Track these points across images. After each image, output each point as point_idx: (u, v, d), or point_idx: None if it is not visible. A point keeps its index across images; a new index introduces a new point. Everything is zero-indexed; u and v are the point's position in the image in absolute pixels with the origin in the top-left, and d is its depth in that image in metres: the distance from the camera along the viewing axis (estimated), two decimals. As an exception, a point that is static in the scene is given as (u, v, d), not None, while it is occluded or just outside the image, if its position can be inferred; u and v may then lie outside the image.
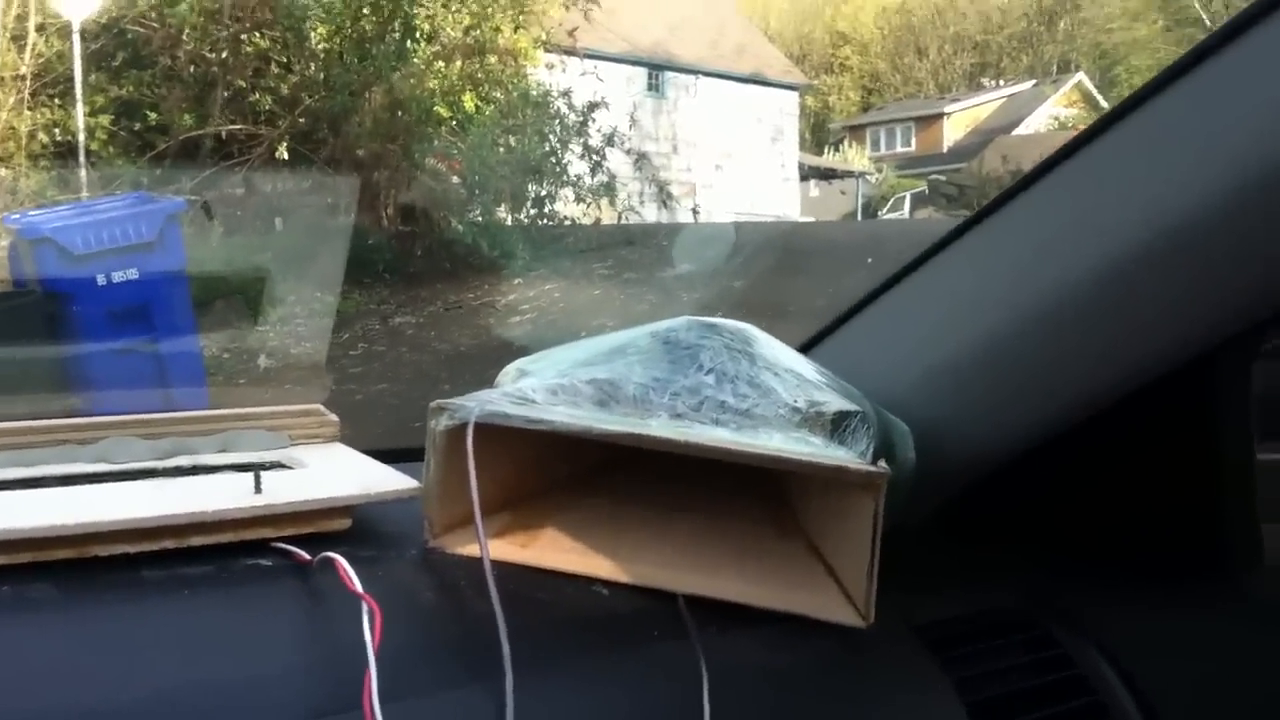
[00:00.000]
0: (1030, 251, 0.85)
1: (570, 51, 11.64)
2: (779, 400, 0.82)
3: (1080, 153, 0.81)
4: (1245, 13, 0.70)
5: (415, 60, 10.13)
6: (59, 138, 9.86)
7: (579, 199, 11.28)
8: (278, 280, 8.35)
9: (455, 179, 10.42)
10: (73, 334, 5.41)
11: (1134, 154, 0.78)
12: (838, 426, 0.81)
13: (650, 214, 13.42)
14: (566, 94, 11.25)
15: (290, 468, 0.88)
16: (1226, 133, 0.71)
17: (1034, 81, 31.49)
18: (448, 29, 10.34)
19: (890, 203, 23.93)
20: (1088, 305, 0.78)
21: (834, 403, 0.82)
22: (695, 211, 14.41)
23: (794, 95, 23.07)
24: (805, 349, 1.00)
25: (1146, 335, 0.78)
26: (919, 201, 23.27)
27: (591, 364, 0.85)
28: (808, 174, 24.06)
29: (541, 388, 0.81)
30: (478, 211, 10.46)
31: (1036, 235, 0.85)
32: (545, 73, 11.43)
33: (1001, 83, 33.71)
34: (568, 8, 11.38)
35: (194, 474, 0.86)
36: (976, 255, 0.91)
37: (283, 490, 0.79)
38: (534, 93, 11.21)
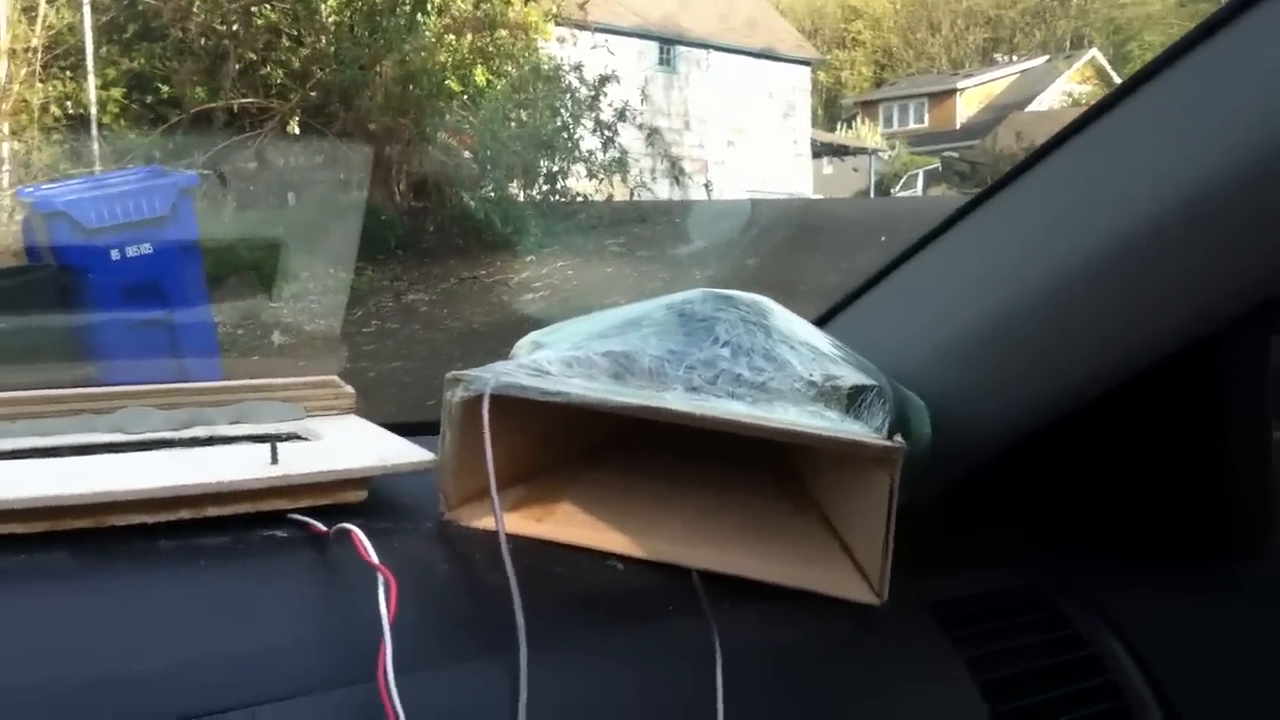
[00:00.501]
0: (1042, 227, 0.85)
1: (581, 25, 11.59)
2: (794, 374, 0.81)
3: (1091, 127, 0.80)
4: None
5: (426, 33, 10.08)
6: (71, 110, 9.85)
7: (591, 175, 11.24)
8: (291, 255, 8.36)
9: (467, 154, 10.39)
10: (86, 308, 5.43)
11: (1145, 128, 0.77)
12: (854, 401, 0.81)
13: (662, 190, 13.38)
14: (578, 68, 11.20)
15: (306, 439, 0.88)
16: (1238, 105, 0.70)
17: (1047, 57, 31.28)
18: (458, 2, 10.30)
19: (903, 180, 23.84)
20: (1100, 280, 0.78)
21: (850, 377, 0.81)
22: (708, 188, 14.35)
23: (806, 70, 22.96)
24: (820, 323, 1.00)
25: (1159, 310, 0.78)
26: (932, 179, 23.19)
27: (607, 336, 0.85)
28: (820, 150, 23.97)
29: (557, 360, 0.81)
30: (490, 187, 10.44)
31: (1048, 210, 0.84)
32: (556, 46, 11.38)
33: (1015, 58, 33.47)
34: (578, -20, 11.33)
35: (210, 444, 0.86)
36: (988, 231, 0.91)
37: (298, 461, 0.79)
38: (545, 67, 11.16)
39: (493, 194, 10.39)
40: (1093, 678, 0.86)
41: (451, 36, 10.25)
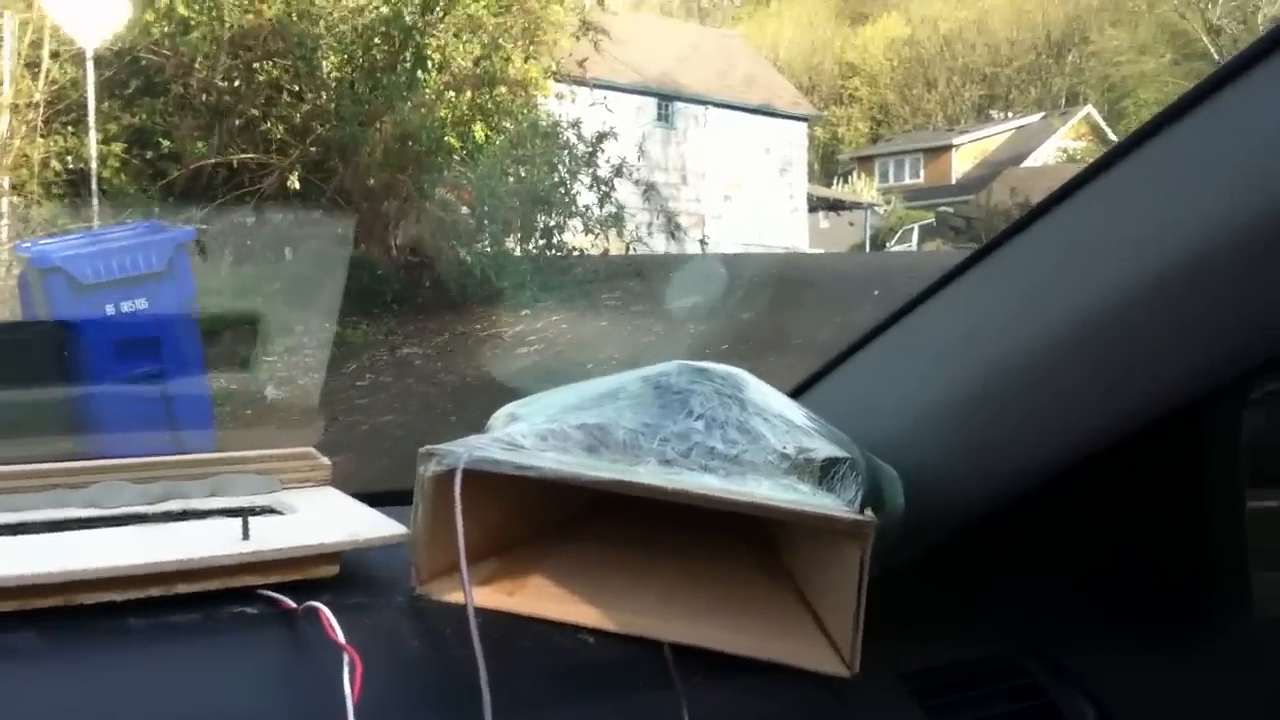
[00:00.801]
0: (1025, 294, 0.85)
1: (580, 82, 11.70)
2: (768, 446, 0.82)
3: (1079, 193, 0.80)
4: (1252, 48, 0.70)
5: (426, 90, 10.17)
6: (71, 165, 9.90)
7: (587, 229, 11.30)
8: (286, 310, 8.38)
9: (464, 209, 10.45)
10: (81, 364, 5.43)
11: (1134, 194, 0.77)
12: (826, 473, 0.81)
13: (659, 245, 13.45)
14: (576, 124, 11.30)
15: (280, 512, 0.89)
16: (1232, 168, 0.70)
17: (1042, 114, 31.60)
18: (458, 59, 10.39)
19: (898, 234, 23.98)
20: (1082, 349, 0.78)
21: (823, 449, 0.82)
22: (704, 242, 14.42)
23: (803, 126, 23.17)
24: (797, 393, 1.01)
25: (1142, 378, 0.78)
26: (927, 233, 23.31)
27: (582, 408, 0.86)
28: (816, 205, 24.13)
29: (531, 433, 0.82)
30: (486, 242, 10.49)
31: (1030, 278, 0.85)
32: (555, 103, 11.49)
33: (1010, 115, 33.83)
34: (578, 38, 11.43)
35: (183, 519, 0.86)
36: (968, 300, 0.91)
37: (271, 536, 0.79)
38: (543, 123, 11.25)
39: (489, 249, 10.43)
40: None
41: (451, 93, 10.34)
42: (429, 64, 10.28)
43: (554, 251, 11.15)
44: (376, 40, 10.16)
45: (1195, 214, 0.72)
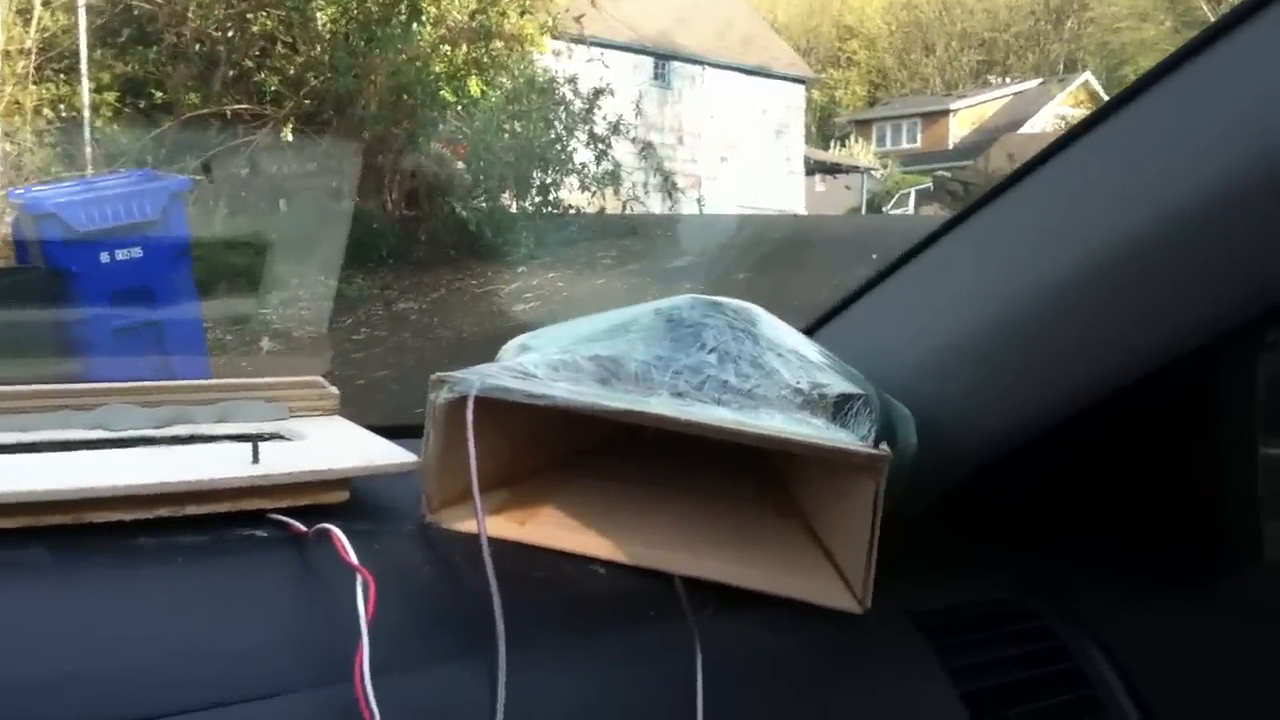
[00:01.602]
0: (1032, 237, 0.85)
1: (577, 39, 11.61)
2: (781, 381, 0.81)
3: (1083, 139, 0.81)
4: (1245, 4, 0.70)
5: (421, 43, 10.09)
6: (64, 113, 9.84)
7: (583, 187, 11.26)
8: (282, 262, 8.35)
9: (460, 164, 10.39)
10: (75, 312, 5.40)
11: (1136, 141, 0.77)
12: (840, 409, 0.80)
13: (654, 204, 13.40)
14: (572, 81, 11.23)
15: (288, 439, 0.88)
16: (1228, 122, 0.71)
17: (1040, 80, 31.43)
18: (453, 13, 10.30)
19: (895, 199, 23.90)
20: (1089, 292, 0.78)
21: (836, 385, 0.81)
22: (700, 203, 14.38)
23: (800, 89, 23.02)
24: (809, 331, 1.00)
25: (1148, 323, 0.78)
26: (924, 198, 23.25)
27: (594, 340, 0.85)
28: (813, 168, 24.02)
29: (543, 363, 0.81)
30: (482, 197, 10.44)
31: (1038, 221, 0.84)
32: (551, 59, 11.40)
33: (1008, 80, 33.63)
34: (575, -7, 11.36)
35: (191, 443, 0.85)
36: (979, 241, 0.91)
37: (280, 461, 0.79)
38: (540, 79, 11.18)
39: (485, 204, 10.39)
40: (1076, 690, 0.86)
41: (446, 47, 10.25)
42: (424, 17, 10.19)
43: (550, 208, 11.11)
44: (371, -9, 10.07)
45: (1185, 168, 0.72)
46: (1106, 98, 0.87)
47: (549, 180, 11.07)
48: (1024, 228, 0.86)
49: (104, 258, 5.48)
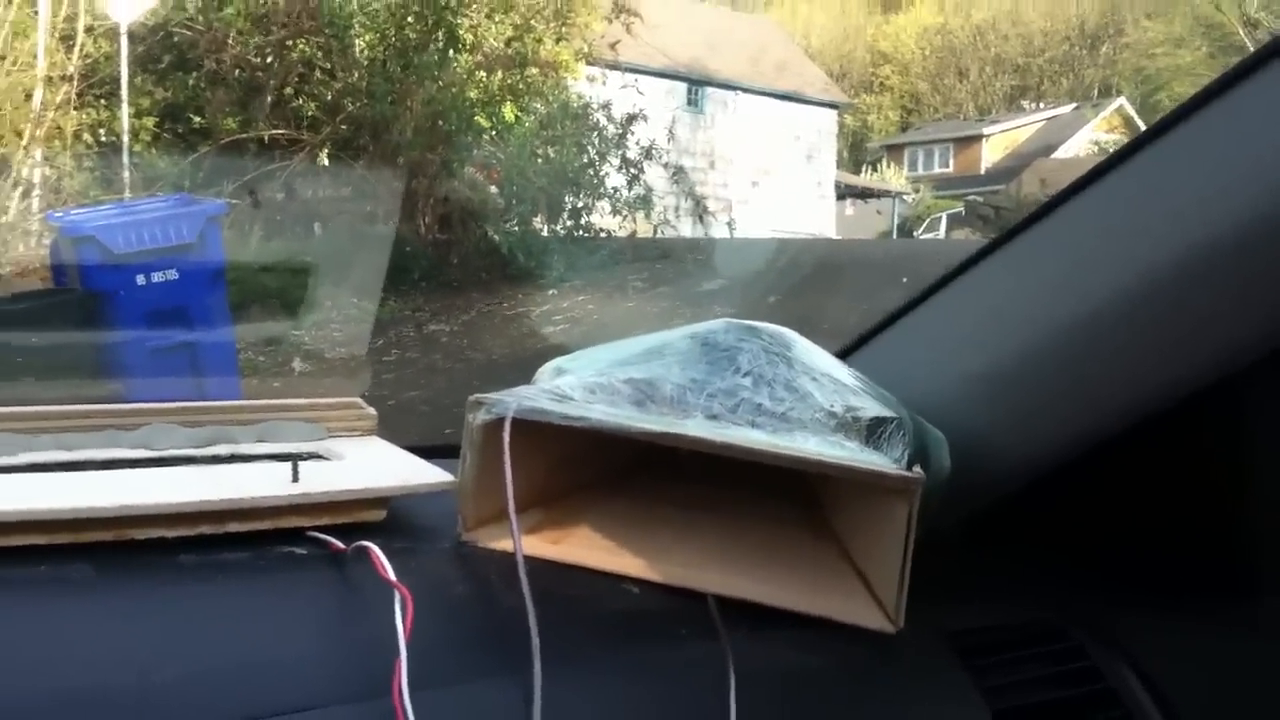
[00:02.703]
0: (1068, 264, 0.85)
1: (612, 65, 11.69)
2: (815, 404, 0.82)
3: (1119, 167, 0.81)
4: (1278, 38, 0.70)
5: (457, 70, 10.18)
6: (104, 138, 9.97)
7: (615, 211, 11.29)
8: (316, 285, 8.41)
9: (493, 188, 10.46)
10: (111, 333, 5.46)
11: (1169, 172, 0.78)
12: (873, 432, 0.81)
13: (686, 229, 13.43)
14: (606, 106, 11.28)
15: (327, 459, 0.89)
16: (1260, 154, 0.71)
17: (1074, 105, 31.31)
18: (490, 39, 10.40)
19: (926, 223, 23.85)
20: (1124, 319, 0.78)
21: (870, 408, 0.82)
22: (731, 227, 14.39)
23: (833, 113, 23.04)
24: (843, 355, 1.00)
25: (1179, 353, 0.78)
26: (955, 223, 23.17)
27: (629, 363, 0.86)
28: (844, 193, 24.00)
29: (579, 385, 0.82)
30: (514, 221, 10.49)
31: (1072, 249, 0.85)
32: (586, 85, 11.47)
33: (1041, 105, 33.54)
34: (610, 21, 11.41)
35: (232, 462, 0.87)
36: (1014, 266, 0.91)
37: (319, 480, 0.80)
38: (574, 105, 11.25)
39: (517, 228, 10.45)
40: (1108, 711, 0.85)
41: (482, 73, 10.35)
42: (460, 44, 10.29)
43: (581, 232, 11.15)
44: (409, 19, 10.18)
45: (1223, 194, 0.73)
46: (1141, 123, 0.88)
47: (581, 204, 11.11)
48: (1058, 255, 0.87)
49: (140, 280, 5.54)
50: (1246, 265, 0.72)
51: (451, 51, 10.18)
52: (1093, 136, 27.83)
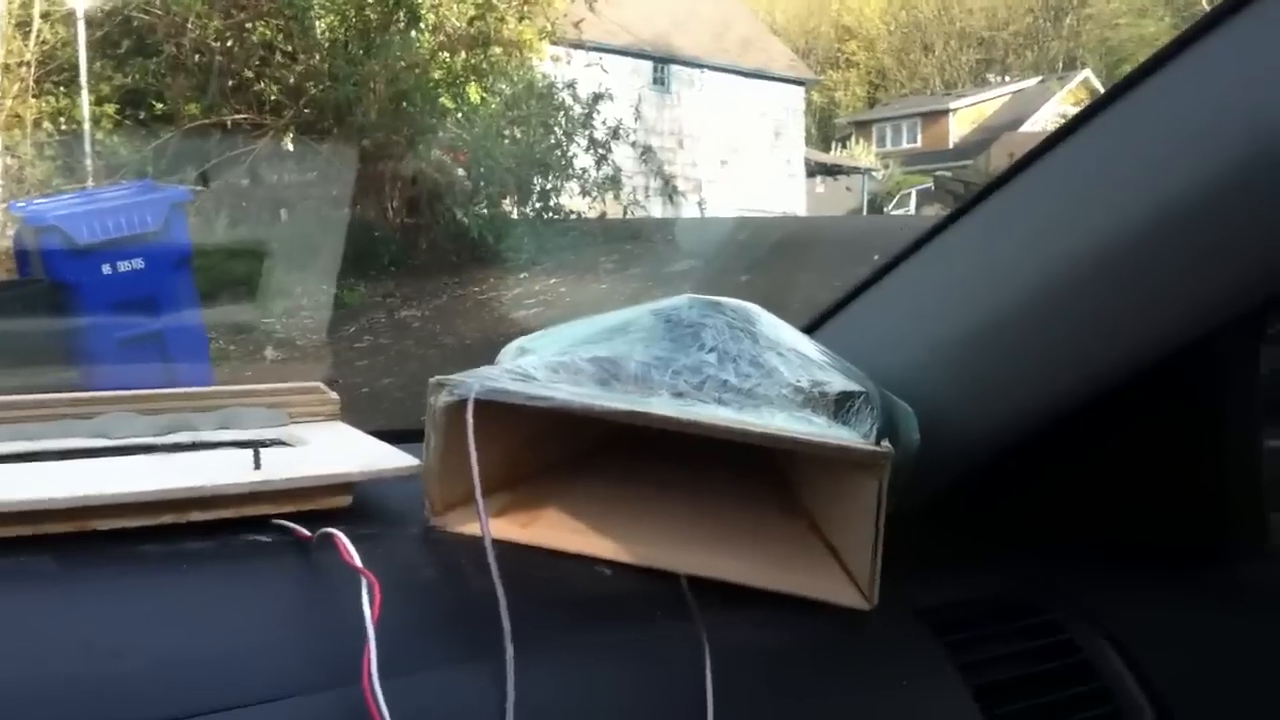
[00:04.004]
0: (1030, 231, 0.85)
1: (576, 44, 11.63)
2: (782, 380, 0.81)
3: (1079, 132, 0.81)
4: None
5: (420, 50, 10.11)
6: (64, 126, 9.86)
7: (584, 192, 11.27)
8: (285, 271, 8.35)
9: (460, 171, 10.40)
10: (79, 324, 5.41)
11: (1131, 134, 0.77)
12: (841, 407, 0.80)
13: (655, 209, 13.41)
14: (572, 86, 11.23)
15: (290, 445, 0.88)
16: (1221, 112, 0.71)
17: (1040, 78, 31.43)
18: (452, 19, 10.32)
19: (896, 199, 23.90)
20: (1088, 284, 0.78)
21: (837, 383, 0.81)
22: (701, 206, 14.39)
23: (800, 90, 23.05)
24: (809, 329, 1.00)
25: (1148, 314, 0.78)
26: (925, 198, 23.24)
27: (593, 342, 0.85)
28: (814, 170, 24.03)
29: (542, 365, 0.81)
30: (483, 204, 10.45)
31: (1036, 215, 0.85)
32: (550, 64, 11.41)
33: (1007, 79, 33.64)
34: (572, -1, 11.37)
35: (193, 450, 0.86)
36: (978, 235, 0.91)
37: (282, 467, 0.79)
38: (539, 84, 11.20)
39: (486, 210, 10.40)
40: (1086, 683, 0.85)
41: (445, 54, 10.27)
42: (422, 24, 10.20)
43: (551, 214, 11.11)
44: (369, 0, 10.08)
45: (1184, 157, 0.72)
46: (1105, 95, 0.87)
47: (550, 186, 11.07)
48: (1022, 221, 0.86)
49: (106, 269, 5.49)
50: (1214, 226, 0.72)
51: (413, 32, 10.10)
52: (1059, 109, 27.91)
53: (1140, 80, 0.76)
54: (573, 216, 11.33)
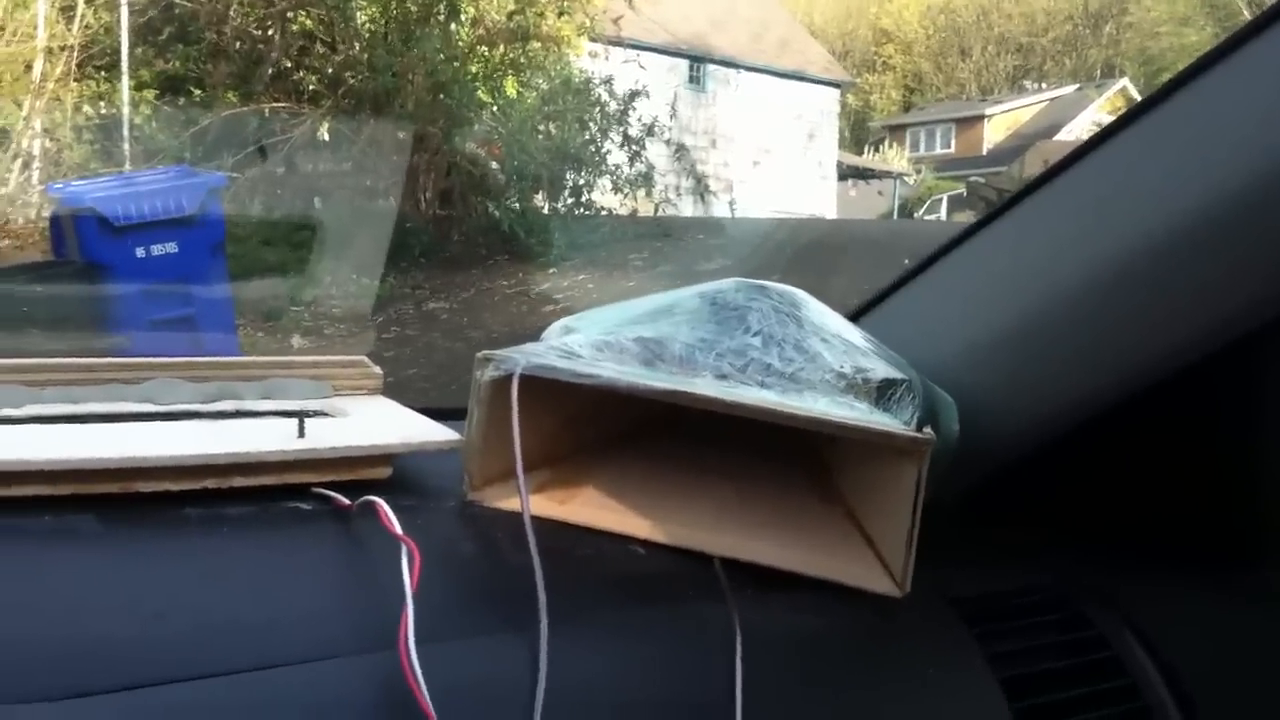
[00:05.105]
0: (1075, 227, 0.85)
1: (614, 41, 11.62)
2: (825, 365, 0.81)
3: (1123, 132, 0.81)
4: (1275, 6, 0.70)
5: (459, 44, 10.13)
6: (104, 110, 9.95)
7: (616, 189, 11.26)
8: (316, 260, 8.40)
9: (494, 164, 10.42)
10: (111, 305, 5.46)
11: (1173, 136, 0.78)
12: (883, 394, 0.80)
13: (687, 208, 13.40)
14: (608, 82, 11.23)
15: (333, 416, 0.88)
16: (1261, 118, 0.71)
17: (1077, 86, 31.22)
18: (491, 13, 10.34)
19: (927, 204, 23.80)
20: (1130, 283, 0.78)
21: (880, 370, 0.81)
22: (732, 206, 14.37)
23: (835, 93, 22.96)
24: (854, 317, 1.00)
25: (1187, 315, 0.77)
26: (956, 204, 23.12)
27: (638, 323, 0.85)
28: (846, 173, 23.94)
29: (587, 344, 0.81)
30: (515, 198, 10.45)
31: (1081, 211, 0.84)
32: (588, 60, 11.42)
33: (1044, 86, 33.44)
34: (613, -5, 11.36)
35: (237, 418, 0.86)
36: (1021, 230, 0.91)
37: (325, 436, 0.79)
38: (575, 80, 11.20)
39: (518, 205, 10.40)
40: (1113, 679, 0.85)
41: (484, 48, 10.29)
42: (462, 17, 10.23)
43: (582, 210, 11.11)
44: (411, -8, 10.12)
45: (1228, 158, 0.72)
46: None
47: (582, 182, 11.07)
48: (1065, 219, 0.86)
49: (140, 252, 5.54)
50: (1256, 226, 0.71)
51: (453, 25, 10.13)
52: (1096, 118, 27.71)
53: (1178, 88, 0.77)
54: (604, 213, 11.32)
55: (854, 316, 1.01)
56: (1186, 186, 0.75)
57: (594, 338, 0.82)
